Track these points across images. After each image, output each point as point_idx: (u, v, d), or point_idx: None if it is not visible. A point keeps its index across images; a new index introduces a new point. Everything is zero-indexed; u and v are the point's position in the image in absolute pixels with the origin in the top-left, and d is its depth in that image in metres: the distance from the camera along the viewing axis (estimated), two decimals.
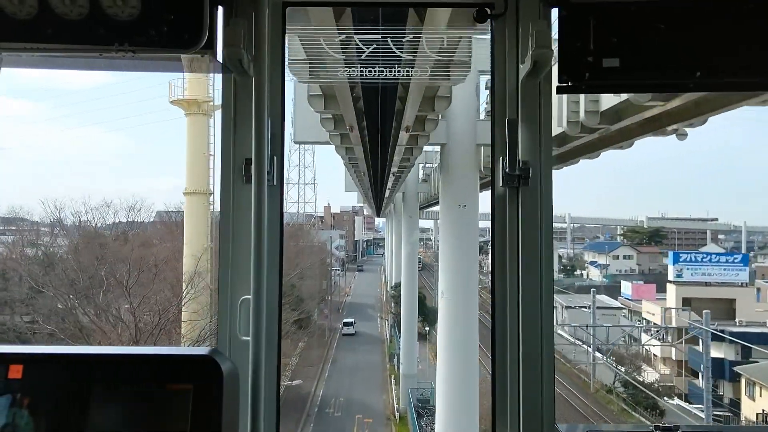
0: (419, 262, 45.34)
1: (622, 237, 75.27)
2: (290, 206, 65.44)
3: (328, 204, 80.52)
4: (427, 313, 38.34)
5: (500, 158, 2.13)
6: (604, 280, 58.20)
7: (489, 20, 2.14)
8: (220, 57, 1.89)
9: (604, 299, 43.77)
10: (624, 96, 9.33)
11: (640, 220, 76.88)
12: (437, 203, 31.12)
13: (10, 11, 1.69)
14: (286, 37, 2.24)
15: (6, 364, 1.41)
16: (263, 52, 2.02)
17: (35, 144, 60.05)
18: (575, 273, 66.13)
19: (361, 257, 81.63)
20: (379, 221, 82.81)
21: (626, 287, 44.88)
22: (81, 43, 1.75)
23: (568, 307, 43.37)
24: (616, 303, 43.69)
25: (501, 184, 2.14)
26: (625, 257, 63.98)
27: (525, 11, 2.07)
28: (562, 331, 39.52)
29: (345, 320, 42.33)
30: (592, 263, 65.44)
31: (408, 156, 19.85)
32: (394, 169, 21.61)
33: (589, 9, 1.91)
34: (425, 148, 19.23)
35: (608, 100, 10.43)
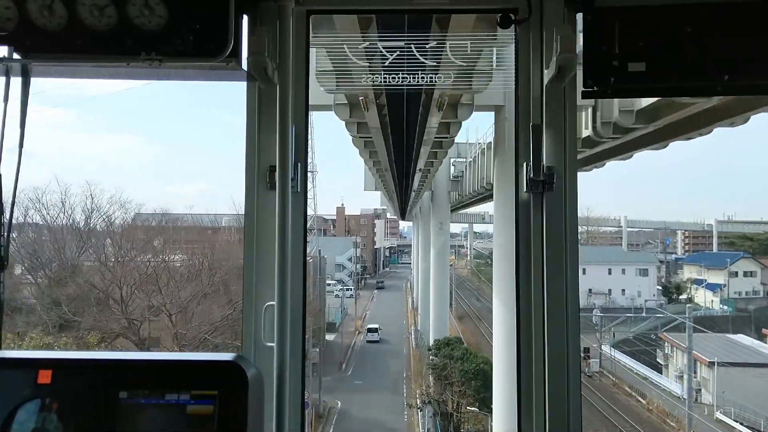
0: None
1: (729, 245, 60.57)
2: None
3: (342, 205, 75.05)
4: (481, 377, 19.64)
5: (524, 164, 2.37)
6: (725, 307, 46.14)
7: (513, 26, 2.37)
8: (245, 65, 2.16)
9: (743, 341, 33.21)
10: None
11: (707, 223, 72.29)
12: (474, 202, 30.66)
13: (41, 23, 1.97)
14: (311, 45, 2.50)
15: (35, 369, 1.61)
16: (287, 60, 2.27)
17: (67, 150, 62.26)
18: (679, 297, 51.04)
19: (383, 268, 77.26)
20: (404, 225, 79.15)
21: None
22: (109, 53, 2.01)
23: (714, 364, 29.50)
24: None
25: (525, 190, 2.38)
26: (745, 274, 50.37)
27: (549, 16, 2.30)
28: (726, 417, 27.75)
29: (369, 326, 40.19)
30: (700, 282, 51.68)
31: (436, 150, 19.87)
32: (420, 165, 21.39)
33: (614, 13, 2.12)
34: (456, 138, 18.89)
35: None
